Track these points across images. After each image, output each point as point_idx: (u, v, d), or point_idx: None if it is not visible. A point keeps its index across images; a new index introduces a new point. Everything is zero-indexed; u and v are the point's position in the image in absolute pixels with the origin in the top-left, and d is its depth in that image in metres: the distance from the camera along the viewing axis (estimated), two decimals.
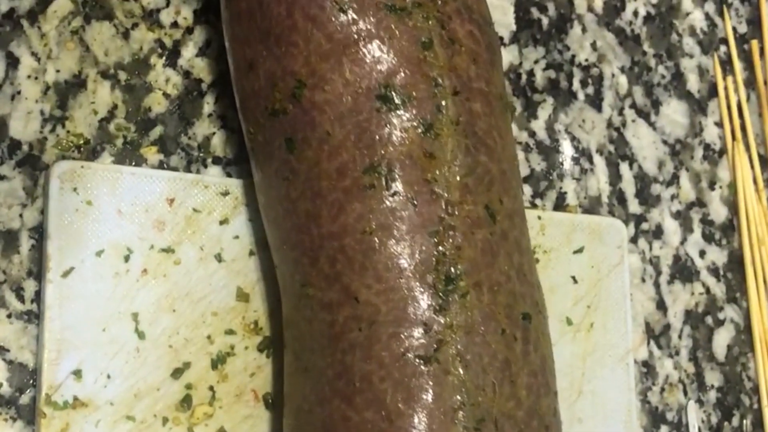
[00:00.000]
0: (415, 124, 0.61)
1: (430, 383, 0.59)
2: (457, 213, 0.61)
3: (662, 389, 0.83)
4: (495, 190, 0.63)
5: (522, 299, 0.63)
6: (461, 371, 0.60)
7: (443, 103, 0.62)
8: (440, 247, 0.61)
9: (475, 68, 0.64)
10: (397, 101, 0.61)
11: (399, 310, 0.60)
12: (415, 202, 0.61)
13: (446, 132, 0.62)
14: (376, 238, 0.61)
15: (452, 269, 0.61)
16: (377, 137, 0.61)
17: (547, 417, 0.64)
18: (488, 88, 0.65)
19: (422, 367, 0.59)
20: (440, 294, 0.60)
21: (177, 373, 0.67)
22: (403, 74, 0.62)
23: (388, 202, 0.61)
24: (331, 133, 0.61)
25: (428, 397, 0.59)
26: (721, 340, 0.87)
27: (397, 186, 0.61)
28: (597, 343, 0.80)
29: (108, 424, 0.64)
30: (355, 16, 0.62)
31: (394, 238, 0.60)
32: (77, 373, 0.64)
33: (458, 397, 0.59)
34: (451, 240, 0.61)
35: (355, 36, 0.62)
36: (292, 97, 0.63)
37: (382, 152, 0.61)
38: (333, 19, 0.62)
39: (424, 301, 0.60)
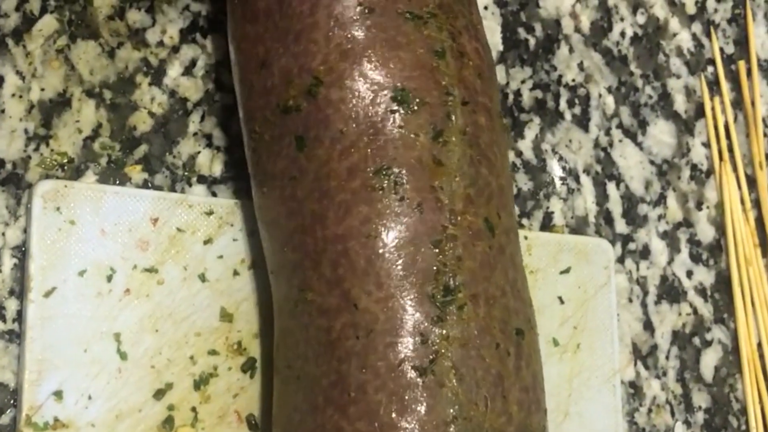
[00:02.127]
0: (426, 129, 0.62)
1: (425, 395, 0.59)
2: (459, 223, 0.61)
3: (649, 410, 0.83)
4: (494, 204, 0.63)
5: (515, 315, 0.63)
6: (455, 384, 0.59)
7: (453, 111, 0.63)
8: (441, 257, 0.61)
9: (480, 83, 0.65)
10: (411, 104, 0.62)
11: (397, 319, 0.60)
12: (422, 209, 0.61)
13: (454, 140, 0.62)
14: (380, 243, 0.60)
15: (452, 280, 0.61)
16: (390, 139, 0.61)
17: None
18: (491, 104, 0.65)
19: (417, 378, 0.59)
20: (438, 304, 0.60)
21: (159, 394, 0.66)
22: (418, 79, 0.62)
23: (395, 207, 0.61)
24: (345, 131, 0.61)
25: (422, 409, 0.59)
26: (709, 361, 0.86)
27: (405, 190, 0.61)
28: (584, 364, 0.79)
29: None
30: (378, 20, 0.63)
31: (398, 244, 0.60)
32: (58, 394, 0.64)
33: (451, 411, 0.59)
34: (452, 250, 0.61)
35: (376, 38, 0.62)
36: (307, 94, 0.63)
37: (393, 155, 0.61)
38: (356, 19, 0.62)
39: (423, 311, 0.60)
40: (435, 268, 0.61)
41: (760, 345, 0.88)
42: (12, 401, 0.64)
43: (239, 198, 0.71)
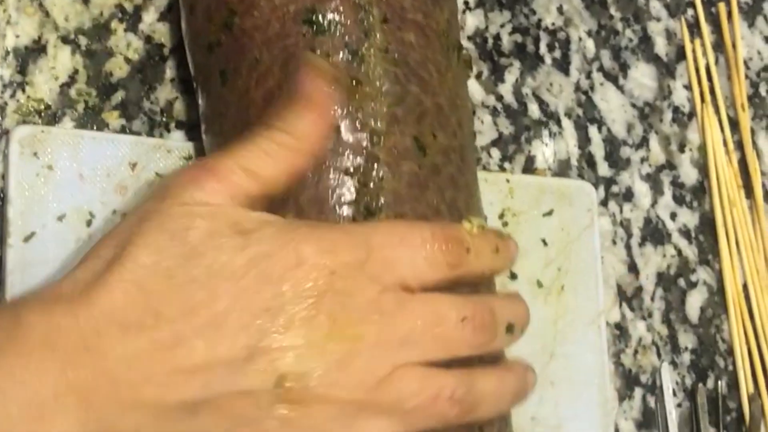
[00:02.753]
0: (341, 49, 0.61)
1: None
2: (382, 143, 0.60)
3: (635, 351, 0.83)
4: (427, 123, 0.62)
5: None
6: None
7: (371, 29, 0.62)
8: (362, 179, 0.60)
9: (411, 0, 0.64)
10: (323, 26, 0.61)
11: None
12: (339, 131, 0.60)
13: (374, 59, 0.62)
14: None
15: (373, 202, 0.60)
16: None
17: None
18: (426, 21, 0.64)
19: None
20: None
21: None
22: (330, 0, 0.62)
23: None
24: (259, 59, 0.61)
25: None
26: (694, 302, 0.86)
27: None
28: (568, 305, 0.79)
29: None
30: None
31: (316, 168, 0.59)
32: None
33: None
34: (374, 172, 0.60)
35: None
36: (224, 27, 0.63)
37: None
38: None
39: None
40: (355, 191, 0.60)
41: (745, 286, 0.88)
42: None
43: None
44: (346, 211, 0.59)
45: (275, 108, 0.57)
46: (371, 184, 0.60)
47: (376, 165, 0.60)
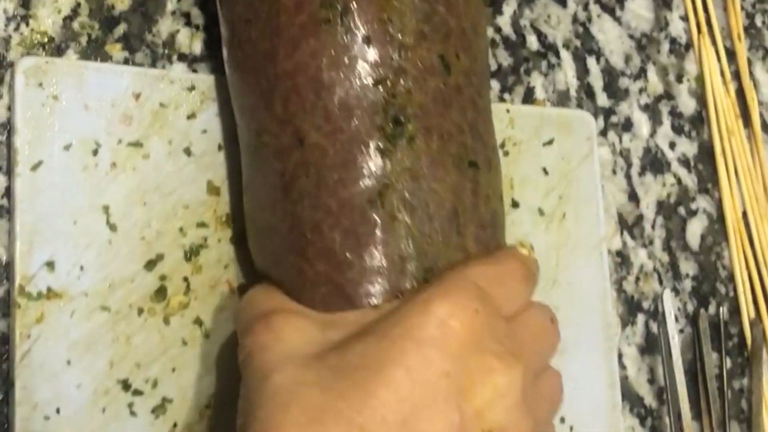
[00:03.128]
0: None
1: (377, 230, 0.60)
2: (410, 57, 0.62)
3: (637, 278, 0.84)
4: (452, 43, 0.63)
5: (474, 153, 0.64)
6: (407, 217, 0.60)
7: None
8: (390, 89, 0.61)
9: None
10: None
11: (345, 153, 0.60)
12: (369, 41, 0.61)
13: None
14: (327, 75, 0.61)
15: (401, 112, 0.61)
16: None
17: None
18: None
19: (369, 212, 0.60)
20: (388, 137, 0.61)
21: (150, 264, 0.67)
22: None
23: (342, 39, 0.61)
24: None
25: (376, 244, 0.60)
26: (695, 229, 0.87)
27: (353, 22, 0.61)
28: (570, 233, 0.80)
29: (83, 314, 0.65)
30: None
31: (345, 76, 0.61)
32: (50, 265, 0.64)
33: (405, 245, 0.60)
34: (401, 83, 0.61)
35: None
36: None
37: None
38: None
39: (371, 143, 0.60)
40: (383, 100, 0.61)
41: (744, 214, 0.89)
42: (5, 275, 0.65)
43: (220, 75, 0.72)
44: (374, 119, 0.61)
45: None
46: (398, 96, 0.61)
47: (403, 78, 0.61)
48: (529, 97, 0.83)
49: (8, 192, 0.66)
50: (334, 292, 0.60)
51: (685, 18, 0.91)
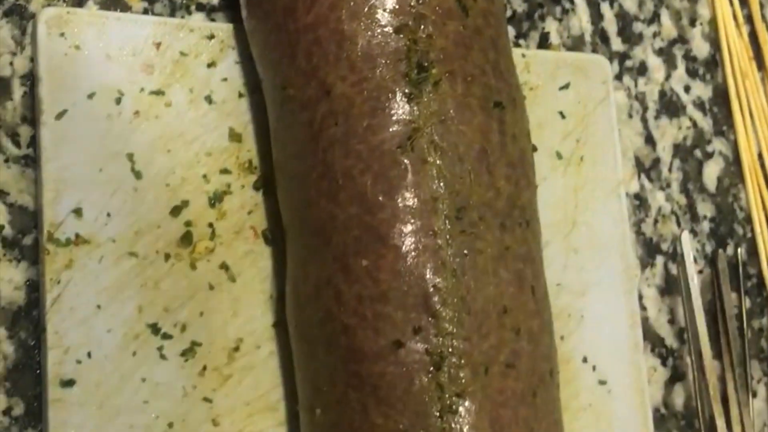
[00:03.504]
0: None
1: (409, 172, 0.61)
2: (428, 2, 0.63)
3: (655, 221, 0.85)
4: None
5: (498, 93, 0.65)
6: (437, 159, 0.61)
7: None
8: (412, 36, 0.62)
9: None
10: None
11: (373, 100, 0.62)
12: None
13: None
14: (348, 27, 0.62)
15: (424, 57, 0.62)
16: None
17: (528, 210, 0.65)
18: None
19: (399, 156, 0.61)
20: (413, 82, 0.62)
21: (176, 210, 0.68)
22: None
23: None
24: None
25: (407, 186, 0.61)
26: (711, 172, 0.88)
27: None
28: (588, 176, 0.81)
29: (111, 260, 0.65)
30: None
31: (366, 25, 0.62)
32: (77, 212, 0.65)
33: (437, 186, 0.61)
34: (422, 28, 0.62)
35: None
36: None
37: None
38: None
39: (398, 89, 0.62)
40: (406, 46, 0.62)
41: (760, 155, 0.89)
42: (33, 223, 0.66)
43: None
44: (398, 66, 0.62)
45: None
46: (420, 42, 0.62)
47: (423, 23, 0.62)
48: (543, 43, 0.83)
49: (34, 141, 0.66)
50: (366, 234, 0.61)
51: None
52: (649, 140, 0.86)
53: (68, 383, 0.63)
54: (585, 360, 0.77)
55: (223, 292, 0.68)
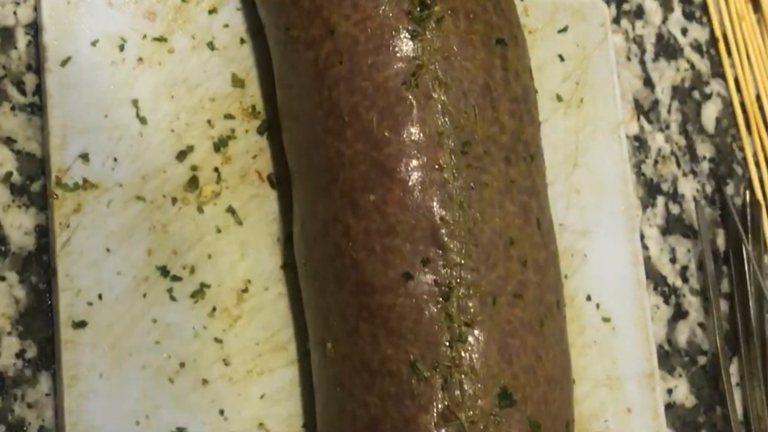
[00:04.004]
0: None
1: (414, 108, 0.62)
2: None
3: (656, 162, 0.85)
4: None
5: (500, 31, 0.65)
6: (442, 94, 0.62)
7: None
8: None
9: None
10: None
11: (377, 38, 0.62)
12: None
13: None
14: None
15: None
16: None
17: (532, 145, 0.66)
18: None
19: (404, 93, 0.62)
20: (416, 20, 0.62)
21: (181, 155, 0.68)
22: None
23: None
24: None
25: (413, 122, 0.62)
26: (710, 113, 0.89)
27: None
28: (588, 117, 0.81)
29: (119, 204, 0.66)
30: None
31: None
32: (84, 157, 0.66)
33: (442, 121, 0.62)
34: None
35: None
36: None
37: None
38: None
39: (401, 27, 0.63)
40: None
41: (758, 96, 0.90)
42: (41, 170, 0.66)
43: None
44: (401, 4, 0.63)
45: None
46: None
47: None
48: None
49: (39, 89, 0.67)
50: (373, 169, 0.62)
51: None
52: (648, 82, 0.86)
53: (80, 324, 0.63)
54: (589, 298, 0.77)
55: (230, 235, 0.69)
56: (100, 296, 0.64)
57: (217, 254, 0.68)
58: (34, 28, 0.67)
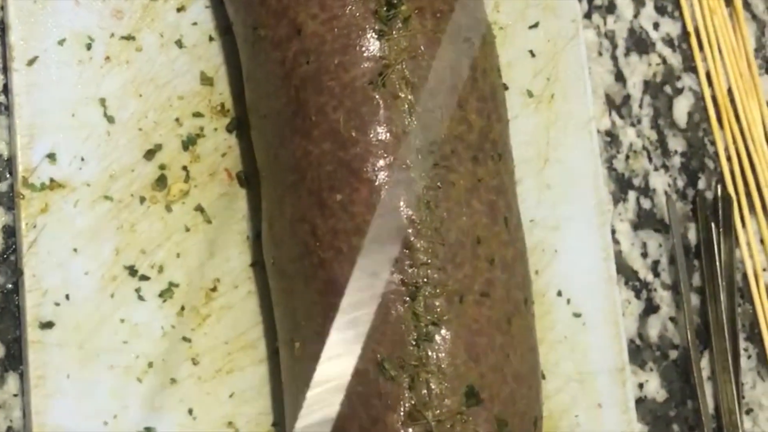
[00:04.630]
0: None
1: (380, 108, 0.62)
2: None
3: (627, 156, 0.85)
4: None
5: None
6: (409, 94, 0.62)
7: None
8: None
9: None
10: None
11: (344, 38, 0.63)
12: None
13: None
14: None
15: None
16: None
17: (500, 144, 0.66)
18: None
19: (371, 92, 0.62)
20: (383, 19, 0.63)
21: (149, 154, 0.68)
22: None
23: None
24: None
25: (380, 121, 0.62)
26: (682, 107, 0.89)
27: None
28: (559, 112, 0.81)
29: (86, 204, 0.66)
30: None
31: None
32: (51, 156, 0.66)
33: (408, 121, 0.62)
34: None
35: None
36: None
37: None
38: None
39: (368, 26, 0.63)
40: None
41: (730, 90, 0.90)
42: (8, 170, 0.66)
43: None
44: (368, 4, 0.63)
45: None
46: None
47: None
48: None
49: (6, 89, 0.67)
50: (340, 169, 0.62)
51: None
52: (620, 77, 0.87)
53: (47, 325, 0.63)
54: (560, 293, 0.78)
55: (199, 234, 0.69)
56: (67, 296, 0.64)
57: (185, 253, 0.68)
58: (1, 28, 0.67)
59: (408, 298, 0.61)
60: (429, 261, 0.61)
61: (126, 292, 0.66)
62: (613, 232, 0.83)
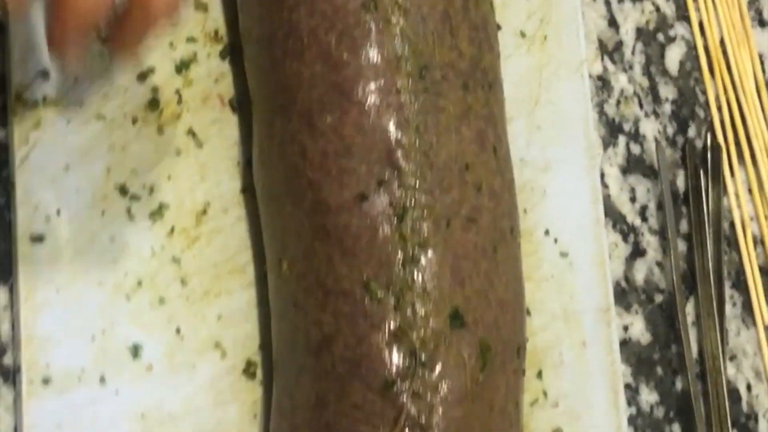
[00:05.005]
0: None
1: (372, 31, 0.63)
2: None
3: (618, 102, 0.86)
4: None
5: None
6: (401, 19, 0.63)
7: None
8: None
9: None
10: None
11: None
12: None
13: None
14: None
15: None
16: None
17: (491, 74, 0.67)
18: None
19: (363, 15, 0.62)
20: None
21: (142, 76, 0.69)
22: None
23: None
24: None
25: (371, 44, 0.63)
26: (673, 55, 0.89)
27: None
28: (551, 55, 0.82)
29: (79, 121, 0.66)
30: None
31: None
32: (44, 74, 0.66)
33: (400, 45, 0.63)
34: None
35: None
36: None
37: None
38: None
39: None
40: None
41: (722, 41, 0.91)
42: (2, 86, 0.66)
43: None
44: None
45: None
46: None
47: None
48: None
49: None
50: (331, 91, 0.62)
51: None
52: (613, 23, 0.87)
53: (38, 239, 0.64)
54: (547, 233, 0.78)
55: (190, 158, 0.69)
56: (58, 212, 0.65)
57: (176, 176, 0.68)
58: None
59: (395, 220, 0.61)
60: (417, 184, 0.62)
61: (116, 211, 0.66)
62: (602, 175, 0.83)
